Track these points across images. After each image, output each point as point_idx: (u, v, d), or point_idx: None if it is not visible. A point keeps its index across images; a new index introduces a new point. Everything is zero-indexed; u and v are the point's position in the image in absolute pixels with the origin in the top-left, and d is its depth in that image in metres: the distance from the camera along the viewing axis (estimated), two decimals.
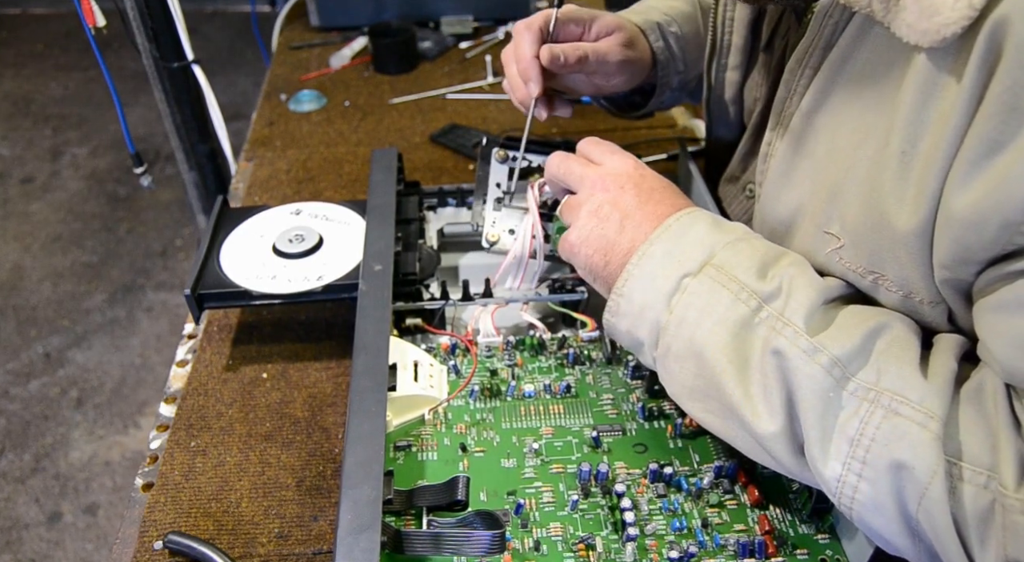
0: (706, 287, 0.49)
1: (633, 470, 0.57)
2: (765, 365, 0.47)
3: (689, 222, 0.53)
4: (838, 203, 0.50)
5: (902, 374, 0.44)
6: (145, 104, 2.72)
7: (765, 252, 0.51)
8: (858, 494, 0.43)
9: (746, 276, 0.49)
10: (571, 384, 0.63)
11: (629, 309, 0.53)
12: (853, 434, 0.43)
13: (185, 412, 0.67)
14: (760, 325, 0.48)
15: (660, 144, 1.03)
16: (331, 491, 0.60)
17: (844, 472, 0.44)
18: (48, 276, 2.23)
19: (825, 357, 0.45)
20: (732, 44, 0.69)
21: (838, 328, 0.46)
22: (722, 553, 0.52)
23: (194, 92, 1.18)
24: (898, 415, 0.42)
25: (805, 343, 0.45)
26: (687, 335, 0.50)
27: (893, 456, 0.42)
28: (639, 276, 0.52)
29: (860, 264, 0.49)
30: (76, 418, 1.83)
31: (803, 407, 0.45)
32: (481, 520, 0.52)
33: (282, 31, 1.43)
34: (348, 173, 1.01)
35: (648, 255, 0.52)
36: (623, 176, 0.57)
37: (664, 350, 0.51)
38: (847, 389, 0.44)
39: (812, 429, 0.45)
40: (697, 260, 0.50)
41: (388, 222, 0.71)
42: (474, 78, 1.23)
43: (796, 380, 0.45)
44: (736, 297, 0.48)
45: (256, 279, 0.69)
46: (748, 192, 0.70)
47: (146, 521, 0.58)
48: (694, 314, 0.49)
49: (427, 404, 0.61)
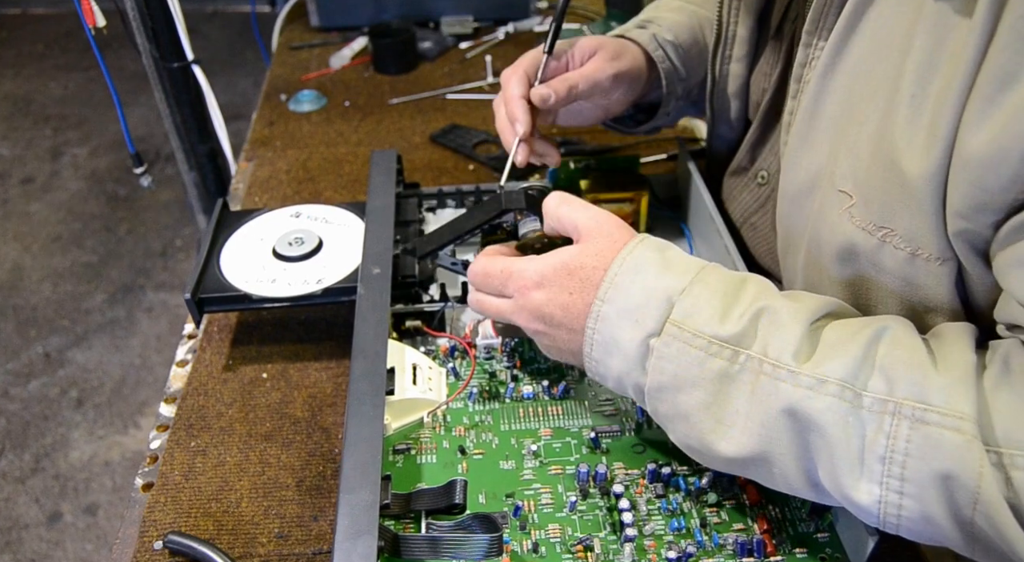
0: (674, 349, 0.47)
1: (632, 471, 0.57)
2: (763, 412, 0.45)
3: (632, 269, 0.50)
4: (852, 158, 0.49)
5: (915, 378, 0.42)
6: (145, 104, 2.71)
7: (724, 290, 0.49)
8: (904, 511, 0.42)
9: (711, 326, 0.47)
10: (570, 385, 0.63)
11: (607, 374, 0.52)
12: (883, 452, 0.42)
13: (185, 412, 0.67)
14: (742, 372, 0.46)
15: (660, 144, 1.03)
16: (331, 491, 0.60)
17: (883, 492, 0.42)
18: (48, 276, 2.23)
19: (833, 385, 0.43)
20: (737, 35, 0.69)
21: (832, 347, 0.45)
22: (721, 553, 0.52)
23: (194, 92, 1.18)
24: (926, 424, 0.41)
25: (806, 379, 0.44)
26: (669, 400, 0.49)
27: (933, 468, 0.40)
28: (602, 342, 0.51)
29: (870, 220, 0.48)
30: (76, 418, 1.83)
31: (823, 439, 0.43)
32: (479, 523, 0.52)
33: (282, 31, 1.43)
34: (348, 173, 1.01)
35: (603, 317, 0.50)
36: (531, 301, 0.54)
37: (653, 410, 0.51)
38: (863, 407, 0.42)
39: (838, 458, 0.43)
40: (655, 317, 0.48)
41: (387, 224, 0.71)
42: (474, 78, 1.23)
43: (810, 419, 0.44)
44: (707, 353, 0.47)
45: (256, 282, 0.69)
46: (760, 179, 0.70)
47: (146, 521, 0.58)
48: (669, 378, 0.48)
49: (426, 407, 0.61)
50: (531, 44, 1.34)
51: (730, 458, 0.47)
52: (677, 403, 0.48)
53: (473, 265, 0.59)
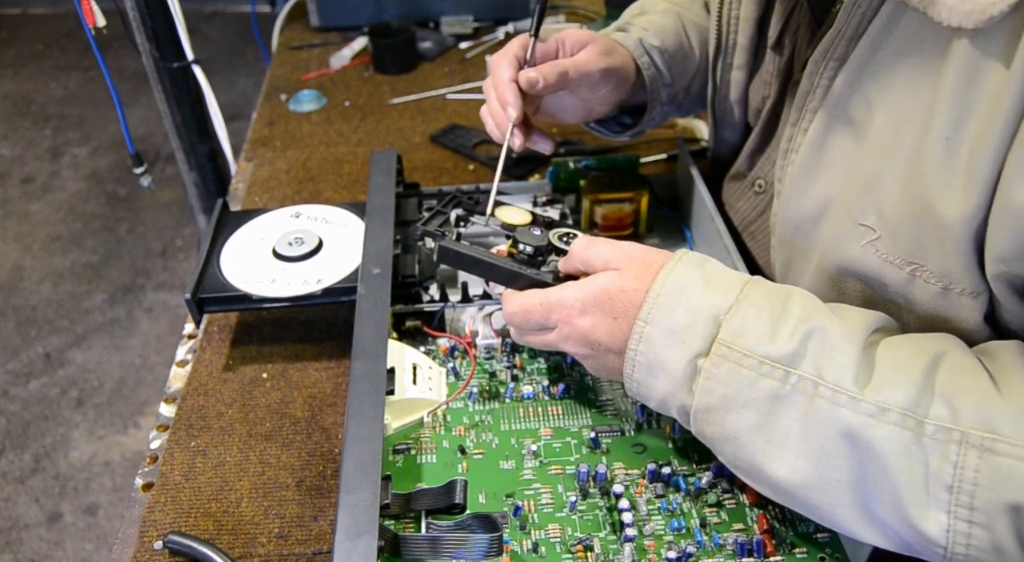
0: (723, 370, 0.46)
1: (632, 470, 0.57)
2: (820, 436, 0.44)
3: (675, 289, 0.49)
4: (874, 193, 0.48)
5: (981, 406, 0.41)
6: (145, 104, 2.72)
7: (772, 307, 0.47)
8: (973, 540, 0.41)
9: (761, 346, 0.46)
10: (570, 385, 0.63)
11: (649, 395, 0.51)
12: (950, 482, 0.41)
13: (185, 412, 0.67)
14: (794, 393, 0.45)
15: (660, 144, 1.03)
16: (331, 491, 0.60)
17: (952, 521, 0.41)
18: (48, 276, 2.23)
19: (895, 414, 0.42)
20: (737, 43, 0.69)
21: (890, 372, 0.44)
22: (720, 553, 0.52)
23: (194, 92, 1.18)
24: (996, 454, 0.40)
25: (867, 406, 0.43)
26: (717, 421, 0.48)
27: (1005, 499, 0.39)
28: (646, 364, 0.49)
29: (898, 255, 0.47)
30: (76, 418, 1.83)
31: (883, 468, 0.42)
32: (479, 523, 0.52)
33: (282, 31, 1.43)
34: (348, 173, 1.01)
35: (647, 338, 0.49)
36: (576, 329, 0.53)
37: (699, 432, 0.50)
38: (926, 435, 0.41)
39: (901, 488, 0.42)
40: (703, 337, 0.47)
41: (387, 224, 0.71)
42: (474, 78, 1.23)
43: (871, 445, 0.42)
44: (758, 373, 0.45)
45: (256, 283, 0.69)
46: (757, 188, 0.70)
47: (146, 521, 0.58)
48: (718, 400, 0.47)
49: (426, 407, 0.61)
50: None
51: (782, 481, 0.46)
52: (726, 424, 0.47)
53: (508, 305, 0.57)
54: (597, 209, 0.79)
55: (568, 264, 0.57)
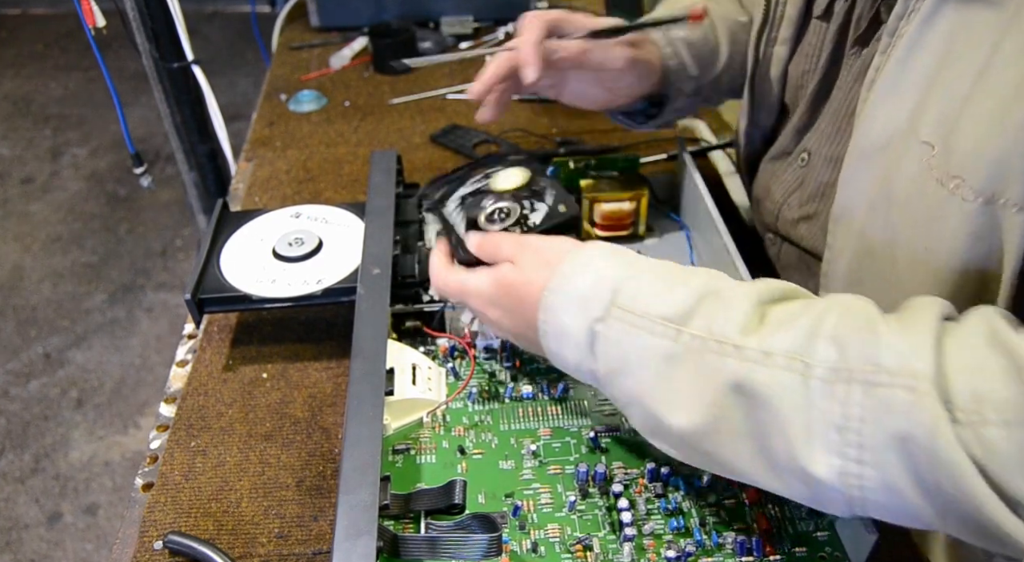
0: (618, 331, 0.47)
1: (631, 470, 0.57)
2: (713, 390, 0.44)
3: (584, 261, 0.51)
4: (942, 108, 0.48)
5: (867, 343, 0.41)
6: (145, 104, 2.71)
7: (671, 274, 0.49)
8: (865, 481, 0.40)
9: (654, 306, 0.47)
10: (569, 385, 0.63)
11: (566, 364, 0.52)
12: (838, 421, 0.40)
13: (185, 412, 0.67)
14: (687, 351, 0.45)
15: (660, 144, 1.03)
16: (331, 491, 0.60)
17: (843, 463, 0.40)
18: (48, 276, 2.24)
19: (780, 358, 0.42)
20: (785, 15, 0.68)
21: (777, 323, 0.44)
22: (720, 552, 0.52)
23: (194, 92, 1.19)
24: (878, 386, 0.39)
25: (752, 353, 0.43)
26: (620, 385, 0.49)
27: (888, 431, 0.39)
28: (554, 333, 0.51)
29: (948, 169, 0.47)
30: (76, 418, 1.83)
31: (774, 414, 0.42)
32: (478, 523, 0.52)
33: (282, 31, 1.43)
34: (348, 173, 1.01)
35: (552, 308, 0.50)
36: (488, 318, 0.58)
37: (612, 397, 0.51)
38: (814, 376, 0.41)
39: (793, 433, 0.42)
40: (601, 303, 0.48)
41: (387, 225, 0.71)
42: (474, 78, 1.23)
43: (759, 393, 0.43)
44: (651, 332, 0.46)
45: (256, 283, 0.69)
46: (801, 161, 0.68)
47: (146, 521, 0.58)
48: (617, 363, 0.48)
49: (425, 407, 0.61)
50: None
51: (685, 435, 0.46)
52: (628, 387, 0.48)
53: (433, 279, 0.62)
54: (597, 209, 0.79)
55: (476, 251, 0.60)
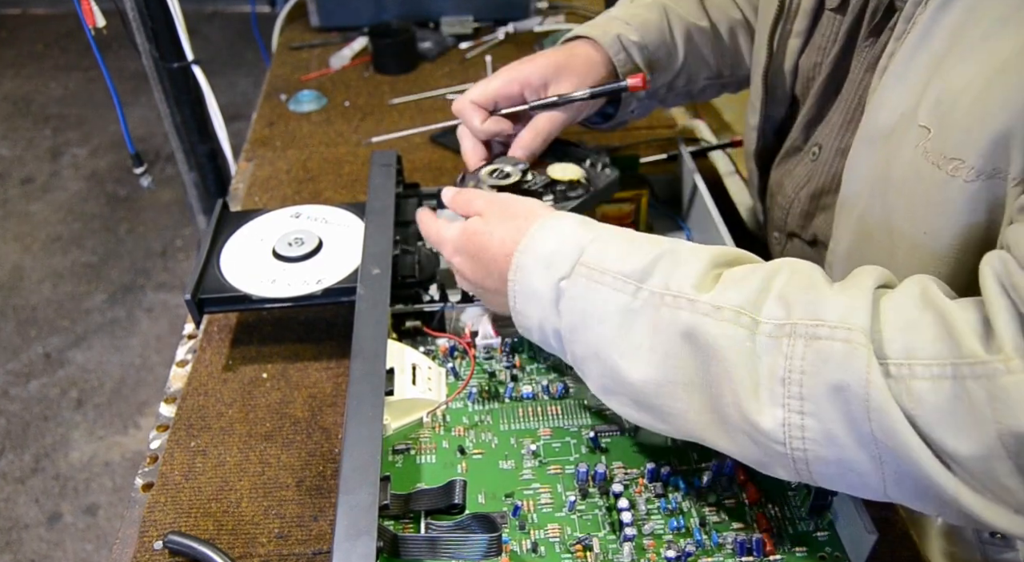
0: (581, 286, 0.50)
1: (631, 470, 0.57)
2: (666, 343, 0.47)
3: (553, 225, 0.54)
4: (941, 92, 0.48)
5: (811, 300, 0.43)
6: (145, 104, 2.72)
7: (633, 238, 0.52)
8: (807, 432, 0.42)
9: (616, 265, 0.50)
10: (569, 385, 0.63)
11: (529, 325, 0.55)
12: (782, 373, 0.42)
13: (185, 412, 0.67)
14: (645, 305, 0.48)
15: (660, 144, 1.03)
16: (331, 491, 0.60)
17: (786, 414, 0.42)
18: (48, 276, 2.24)
19: (729, 312, 0.45)
20: (801, 7, 0.67)
21: (730, 282, 0.47)
22: (720, 552, 0.52)
23: (194, 92, 1.18)
24: (818, 339, 0.42)
25: (703, 306, 0.46)
26: (582, 338, 0.51)
27: (826, 381, 0.41)
28: (522, 292, 0.54)
29: (944, 152, 0.47)
30: (76, 418, 1.83)
31: (723, 367, 0.44)
32: (478, 523, 0.52)
33: (282, 31, 1.43)
34: (348, 173, 1.01)
35: (522, 267, 0.54)
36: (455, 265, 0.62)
37: (571, 355, 0.53)
38: (761, 332, 0.44)
39: (740, 385, 0.44)
40: (567, 262, 0.52)
41: (387, 225, 0.71)
42: (474, 78, 1.23)
43: (708, 345, 0.45)
44: (612, 289, 0.49)
45: (256, 283, 0.69)
46: (812, 155, 0.68)
47: (146, 521, 0.58)
48: (579, 317, 0.51)
49: (425, 407, 0.61)
50: (531, 44, 1.34)
51: (637, 386, 0.48)
52: (588, 340, 0.50)
53: (419, 226, 0.67)
54: (597, 208, 0.79)
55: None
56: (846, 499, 0.51)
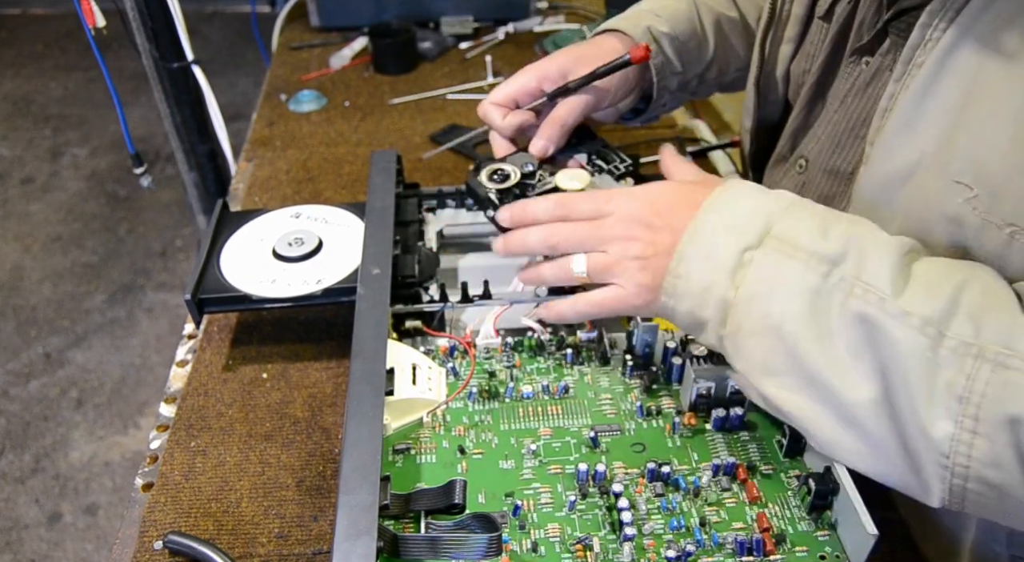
0: (772, 259, 0.49)
1: (631, 470, 0.57)
2: (850, 332, 0.46)
3: (734, 194, 0.53)
4: (971, 150, 0.48)
5: (1003, 325, 0.43)
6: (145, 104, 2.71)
7: (823, 214, 0.51)
8: (974, 451, 0.42)
9: (810, 242, 0.48)
10: (569, 385, 0.63)
11: (688, 289, 0.52)
12: (961, 392, 0.42)
13: (185, 412, 0.67)
14: (834, 290, 0.47)
15: (660, 144, 1.03)
16: (331, 491, 0.60)
17: (957, 430, 0.42)
18: (48, 276, 2.24)
19: (916, 319, 0.44)
20: (792, 14, 0.67)
21: (922, 285, 0.45)
22: (720, 551, 0.52)
23: (194, 92, 1.19)
24: (1007, 369, 0.41)
25: (893, 308, 0.45)
26: (760, 311, 0.49)
27: (1007, 411, 0.41)
28: (693, 255, 0.51)
29: (999, 214, 0.47)
30: (76, 418, 1.83)
31: (901, 371, 0.44)
32: (478, 523, 0.52)
33: (282, 31, 1.43)
34: (348, 173, 1.01)
35: (699, 232, 0.51)
36: (641, 208, 0.56)
37: (734, 328, 0.51)
38: (945, 346, 0.43)
39: (915, 391, 0.44)
40: (755, 231, 0.50)
41: (387, 225, 0.71)
42: (474, 78, 1.24)
43: (890, 345, 0.44)
44: (806, 266, 0.48)
45: (256, 283, 0.69)
46: (799, 167, 0.68)
47: (146, 521, 0.59)
48: (764, 288, 0.49)
49: (425, 407, 0.61)
50: (531, 44, 1.34)
51: (821, 371, 0.47)
52: (770, 314, 0.48)
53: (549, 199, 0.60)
54: None
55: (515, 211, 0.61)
56: (847, 499, 0.51)
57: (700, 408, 0.60)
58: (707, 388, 0.58)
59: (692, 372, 0.59)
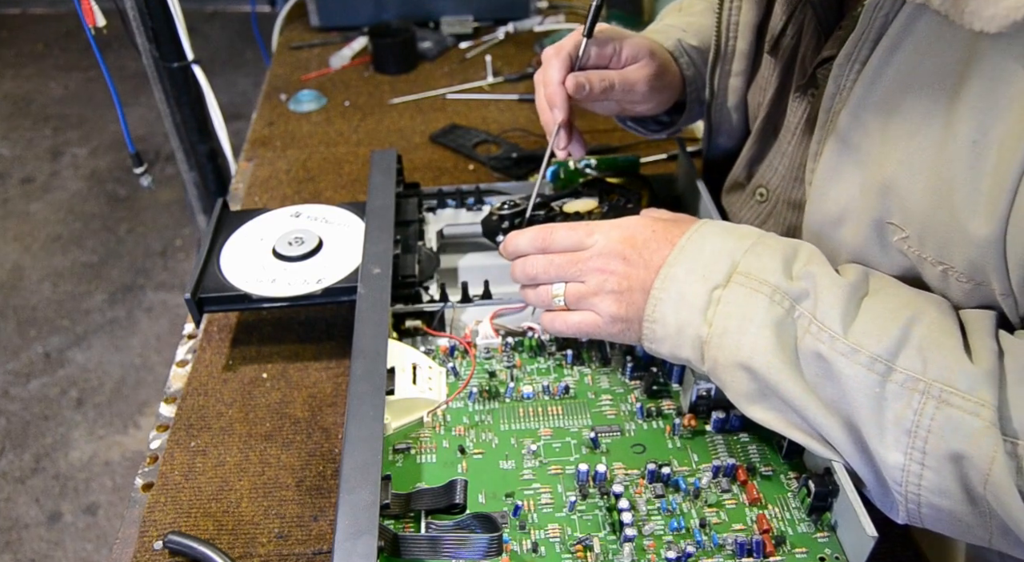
0: (739, 295, 0.51)
1: (631, 470, 0.57)
2: (810, 366, 0.48)
3: (701, 237, 0.54)
4: (893, 197, 0.49)
5: (947, 362, 0.44)
6: (145, 104, 2.72)
7: (784, 250, 0.52)
8: (924, 481, 0.44)
9: (774, 278, 0.50)
10: (569, 385, 0.63)
11: (665, 332, 0.54)
12: (909, 426, 0.44)
13: (185, 412, 0.67)
14: (795, 325, 0.49)
15: (660, 144, 1.03)
16: (331, 491, 0.60)
17: (907, 461, 0.45)
18: (48, 276, 2.23)
19: (864, 356, 0.46)
20: (737, 49, 0.69)
21: (872, 322, 0.47)
22: (720, 553, 0.52)
23: (194, 92, 1.18)
24: (950, 406, 0.43)
25: (843, 346, 0.47)
26: (732, 344, 0.51)
27: (951, 447, 0.43)
28: (667, 299, 0.53)
29: (930, 253, 0.48)
30: (76, 418, 1.83)
31: (854, 405, 0.46)
32: (478, 523, 0.52)
33: (282, 31, 1.43)
34: (348, 173, 1.01)
35: (671, 277, 0.53)
36: (618, 243, 0.57)
37: (712, 363, 0.52)
38: (893, 381, 0.45)
39: (868, 423, 0.46)
40: (722, 271, 0.52)
41: (387, 224, 0.71)
42: (474, 78, 1.24)
43: (842, 380, 0.47)
44: (770, 300, 0.50)
45: (256, 282, 0.69)
46: (759, 197, 0.70)
47: (146, 521, 0.58)
48: (734, 323, 0.51)
49: (426, 406, 0.61)
50: (531, 44, 1.34)
51: (791, 398, 0.49)
52: (741, 347, 0.50)
53: (543, 229, 0.61)
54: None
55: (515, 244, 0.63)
56: (846, 501, 0.51)
57: (700, 409, 0.60)
58: (707, 390, 0.59)
59: (692, 374, 0.59)
